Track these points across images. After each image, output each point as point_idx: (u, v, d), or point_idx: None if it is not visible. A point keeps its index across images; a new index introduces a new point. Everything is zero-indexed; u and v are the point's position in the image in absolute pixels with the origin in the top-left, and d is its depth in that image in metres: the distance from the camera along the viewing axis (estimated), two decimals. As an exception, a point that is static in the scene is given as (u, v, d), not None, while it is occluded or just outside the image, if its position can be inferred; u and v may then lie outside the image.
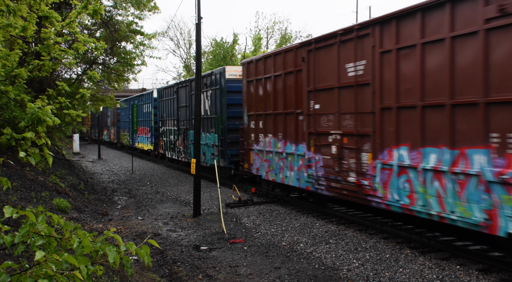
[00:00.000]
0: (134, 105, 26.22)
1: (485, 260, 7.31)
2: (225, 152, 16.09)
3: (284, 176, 12.06)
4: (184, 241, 9.60)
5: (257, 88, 13.46)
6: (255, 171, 13.72)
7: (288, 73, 11.82)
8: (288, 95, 11.82)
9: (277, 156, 12.38)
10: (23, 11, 5.82)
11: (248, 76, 13.98)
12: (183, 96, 20.42)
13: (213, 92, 16.97)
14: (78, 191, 14.53)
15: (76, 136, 36.15)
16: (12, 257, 5.54)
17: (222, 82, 16.25)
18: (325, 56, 10.33)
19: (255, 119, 13.54)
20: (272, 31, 43.96)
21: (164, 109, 23.79)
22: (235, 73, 16.27)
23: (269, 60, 12.84)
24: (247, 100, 14.12)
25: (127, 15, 18.34)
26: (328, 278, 7.24)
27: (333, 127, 10.05)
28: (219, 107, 16.37)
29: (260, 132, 13.31)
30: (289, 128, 11.83)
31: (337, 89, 9.86)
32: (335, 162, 9.94)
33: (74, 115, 6.40)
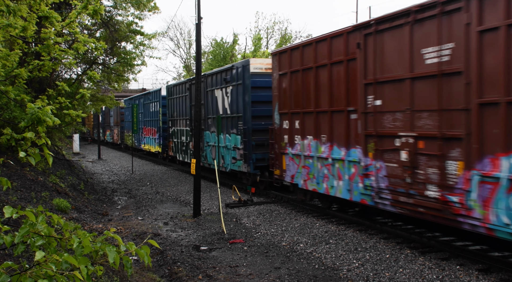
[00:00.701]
0: (134, 105, 26.20)
1: (485, 260, 7.31)
2: (249, 156, 14.23)
3: (329, 186, 10.24)
4: (184, 241, 9.60)
5: (292, 83, 11.61)
6: (289, 178, 11.86)
7: (336, 63, 9.93)
8: (336, 90, 10.00)
9: (319, 161, 10.58)
10: (23, 11, 5.82)
11: (281, 68, 12.11)
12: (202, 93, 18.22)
13: (234, 89, 15.12)
14: (78, 191, 14.53)
15: (76, 136, 36.14)
16: (12, 257, 5.54)
17: (245, 77, 14.42)
18: (391, 40, 8.42)
19: (290, 118, 11.73)
20: (272, 31, 44.01)
21: (174, 108, 21.94)
22: (261, 66, 14.46)
23: (308, 49, 10.95)
24: (278, 96, 12.27)
25: (127, 15, 18.36)
26: (328, 278, 7.24)
27: (402, 129, 8.14)
28: (242, 105, 14.54)
29: (296, 133, 11.48)
30: (336, 129, 10.01)
31: (408, 81, 7.95)
32: (406, 171, 8.03)
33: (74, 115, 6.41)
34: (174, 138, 22.21)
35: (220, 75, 16.22)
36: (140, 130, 29.03)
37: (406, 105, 8.05)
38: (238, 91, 14.83)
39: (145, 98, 28.33)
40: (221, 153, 16.20)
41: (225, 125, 15.85)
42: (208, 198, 14.65)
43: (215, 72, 16.84)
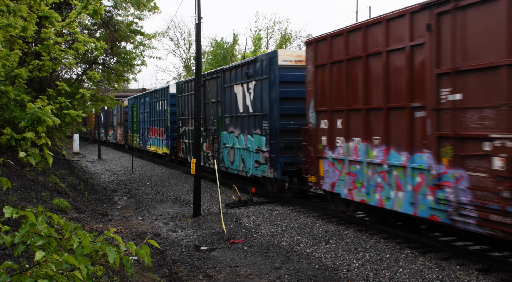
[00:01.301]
0: (134, 105, 26.21)
1: (485, 260, 7.31)
2: (276, 159, 12.62)
3: (383, 197, 8.59)
4: (184, 241, 9.60)
5: (333, 75, 10.02)
6: (328, 186, 10.27)
7: (395, 50, 8.29)
8: (394, 82, 8.37)
9: (370, 168, 8.95)
10: (23, 11, 5.82)
11: (318, 59, 10.51)
12: (212, 89, 17.02)
13: (257, 84, 13.50)
14: (78, 191, 14.54)
15: (76, 136, 36.13)
16: (12, 257, 5.54)
17: (272, 71, 12.75)
18: (478, 18, 6.81)
19: (329, 117, 10.13)
20: (272, 31, 44.00)
21: (185, 107, 20.13)
22: (290, 58, 12.84)
23: (355, 35, 9.32)
24: (315, 92, 10.66)
25: (127, 15, 18.37)
26: (328, 278, 7.24)
27: (494, 129, 6.53)
28: (267, 103, 12.93)
29: (339, 134, 9.87)
30: (395, 130, 8.35)
31: (505, 69, 6.37)
32: (501, 183, 6.44)
33: (74, 115, 6.41)
34: (184, 139, 20.51)
35: (240, 70, 14.58)
36: (145, 130, 27.70)
37: (500, 99, 6.46)
38: (263, 87, 13.20)
39: (151, 96, 26.55)
40: (241, 156, 14.61)
41: (246, 125, 14.21)
42: (208, 198, 14.65)
43: (234, 66, 15.25)
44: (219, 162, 16.09)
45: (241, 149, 14.56)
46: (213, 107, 16.91)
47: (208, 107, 17.46)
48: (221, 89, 16.02)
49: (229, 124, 15.58)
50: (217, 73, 16.56)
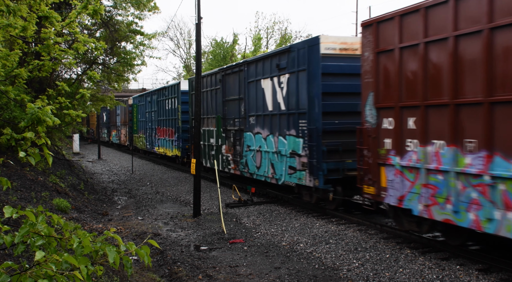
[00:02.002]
0: (134, 106, 26.22)
1: (485, 260, 7.31)
2: (318, 165, 10.66)
3: (482, 218, 6.79)
4: (184, 241, 9.60)
5: (403, 63, 8.20)
6: (393, 200, 8.44)
7: (503, 27, 6.48)
8: (503, 68, 6.53)
9: (461, 179, 7.12)
10: (23, 11, 5.83)
11: (380, 44, 8.71)
12: (233, 85, 15.15)
13: (292, 77, 11.68)
14: (78, 191, 14.54)
15: (76, 136, 36.12)
16: (12, 257, 5.55)
17: (312, 61, 10.87)
18: None
19: (397, 114, 8.28)
20: (272, 31, 44.04)
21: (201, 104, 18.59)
22: (334, 46, 10.82)
23: (438, 11, 7.52)
24: (375, 84, 8.84)
25: (127, 15, 18.39)
26: (328, 278, 7.24)
27: None
28: (305, 99, 11.05)
29: (410, 136, 8.02)
30: (502, 131, 6.56)
31: None
32: None
33: (74, 115, 6.41)
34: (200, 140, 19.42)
35: (269, 61, 12.75)
36: (153, 131, 26.01)
37: None
38: (300, 80, 11.32)
39: (160, 94, 24.55)
40: (270, 160, 12.78)
41: (278, 125, 12.34)
42: (208, 198, 14.65)
43: (261, 58, 13.34)
44: (243, 166, 14.42)
45: (270, 152, 12.71)
46: (234, 105, 15.10)
47: (227, 106, 15.63)
48: (244, 84, 14.21)
49: (254, 125, 13.71)
50: (238, 66, 14.62)
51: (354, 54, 10.80)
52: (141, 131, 29.07)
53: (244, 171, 14.44)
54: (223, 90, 15.79)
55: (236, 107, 14.91)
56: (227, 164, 15.87)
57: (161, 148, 24.45)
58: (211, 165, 17.27)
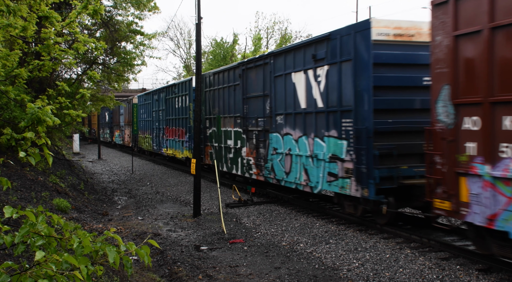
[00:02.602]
0: (134, 105, 26.25)
1: (485, 260, 7.31)
2: (369, 172, 9.02)
3: None
4: (184, 241, 9.60)
5: (495, 48, 6.62)
6: (480, 219, 6.83)
7: None
8: None
9: None
10: (23, 11, 5.83)
11: (460, 25, 7.14)
12: (255, 80, 13.58)
13: (332, 69, 10.05)
14: (78, 191, 14.54)
15: (76, 136, 36.11)
16: (12, 257, 5.55)
17: (360, 49, 9.29)
18: None
19: (486, 112, 6.72)
20: (272, 31, 44.03)
21: (215, 103, 16.73)
22: (387, 31, 9.18)
23: None
24: (452, 74, 7.29)
25: (127, 15, 18.40)
26: (328, 278, 7.25)
27: None
28: (351, 94, 9.47)
29: (507, 140, 6.47)
30: None
31: None
32: None
33: (74, 115, 6.42)
34: (213, 142, 16.98)
35: (302, 52, 11.12)
36: (160, 131, 24.39)
37: None
38: (343, 73, 9.74)
39: (168, 91, 22.93)
40: (303, 165, 11.10)
41: (313, 125, 10.74)
42: (208, 198, 14.65)
43: (291, 48, 11.66)
44: (268, 172, 12.76)
45: (303, 156, 11.06)
46: (257, 103, 13.48)
47: (248, 104, 14.04)
48: (270, 79, 12.62)
49: (282, 124, 12.08)
50: (263, 59, 13.00)
51: (410, 41, 9.34)
52: (147, 131, 27.53)
53: (269, 177, 12.69)
54: (243, 86, 14.21)
55: (260, 105, 13.28)
56: (248, 168, 14.10)
57: (170, 149, 22.75)
58: (228, 169, 15.64)
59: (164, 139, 23.51)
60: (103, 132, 45.20)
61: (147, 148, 27.46)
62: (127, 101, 32.65)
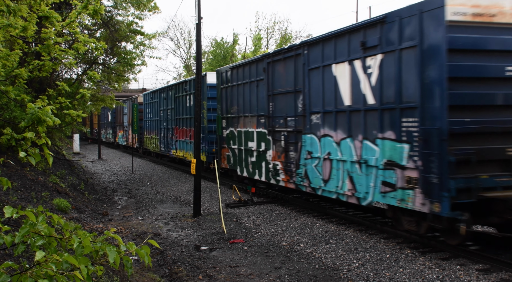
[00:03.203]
0: (134, 105, 26.24)
1: (485, 260, 7.31)
2: (441, 183, 7.37)
3: None
4: (184, 241, 9.60)
5: None
6: None
7: None
8: None
9: None
10: (23, 11, 5.83)
11: None
12: (284, 75, 11.93)
13: (388, 59, 8.39)
14: (78, 191, 14.55)
15: (76, 136, 36.11)
16: (12, 257, 5.55)
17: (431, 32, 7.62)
18: None
19: None
20: (272, 31, 44.02)
21: (233, 101, 15.07)
22: (465, 9, 7.51)
23: None
24: None
25: (127, 15, 18.41)
26: (328, 278, 7.25)
27: None
28: (416, 87, 7.80)
29: None
30: None
31: None
32: None
33: (74, 115, 6.42)
34: (231, 143, 15.26)
35: (346, 40, 9.53)
36: (169, 131, 22.88)
37: None
38: (404, 62, 8.11)
39: (178, 89, 21.35)
40: (348, 172, 9.52)
41: (361, 125, 9.10)
42: (208, 198, 14.65)
43: (332, 36, 9.94)
44: (300, 179, 11.19)
45: (347, 161, 9.48)
46: (286, 100, 11.85)
47: (275, 101, 12.40)
48: (303, 73, 10.99)
49: (319, 124, 10.47)
50: (294, 50, 11.31)
51: (491, 22, 7.66)
52: (153, 132, 26.02)
53: (302, 184, 11.12)
54: (268, 81, 12.59)
55: (290, 102, 11.62)
56: (274, 174, 12.48)
57: (180, 151, 21.04)
58: (250, 174, 14.01)
59: (173, 141, 21.99)
60: (105, 132, 44.09)
61: (154, 149, 25.93)
62: (131, 100, 31.47)
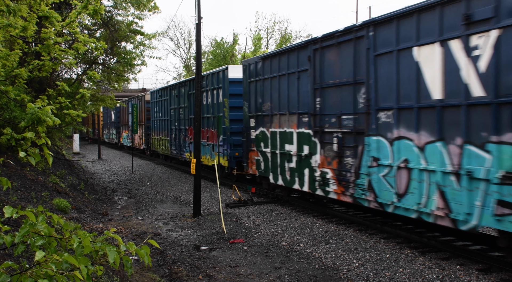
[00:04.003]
0: (134, 106, 26.24)
1: (485, 260, 7.31)
2: None
3: None
4: (184, 241, 9.60)
5: None
6: None
7: None
8: None
9: None
10: (23, 11, 5.83)
11: None
12: (341, 63, 9.86)
13: (509, 35, 6.47)
14: (78, 191, 14.54)
15: (76, 136, 36.09)
16: (12, 257, 5.55)
17: None
18: None
19: None
20: (272, 31, 44.03)
21: (267, 96, 12.96)
22: None
23: None
24: None
25: (127, 15, 18.41)
26: (328, 278, 7.25)
27: None
28: None
29: None
30: None
31: None
32: None
33: (74, 115, 6.41)
34: (262, 146, 13.23)
35: (437, 14, 7.51)
36: (182, 132, 20.87)
37: None
38: None
39: (193, 85, 18.77)
40: (437, 186, 7.52)
41: (461, 125, 7.14)
42: (208, 198, 14.65)
43: (413, 10, 7.94)
44: (362, 191, 9.15)
45: (437, 172, 7.51)
46: (340, 94, 9.86)
47: (323, 95, 10.39)
48: (366, 60, 9.01)
49: (391, 124, 8.54)
50: (354, 32, 9.39)
51: None
52: (163, 132, 24.02)
53: (363, 198, 9.14)
54: (314, 72, 10.58)
55: (346, 97, 9.63)
56: (323, 183, 10.40)
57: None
58: (287, 182, 11.98)
59: (187, 142, 19.90)
60: (108, 132, 42.55)
61: (163, 152, 23.91)
62: (137, 99, 30.12)
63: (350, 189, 9.56)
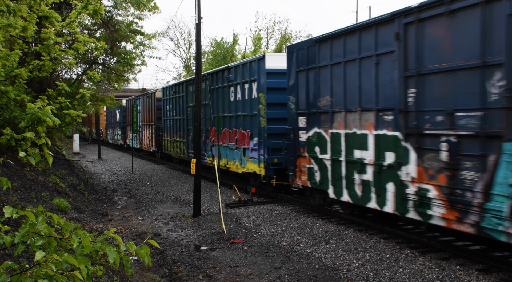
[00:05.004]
0: (134, 105, 26.24)
1: (485, 260, 7.31)
2: None
3: None
4: (184, 241, 9.60)
5: None
6: None
7: None
8: None
9: None
10: (23, 11, 5.83)
11: None
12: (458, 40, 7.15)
13: None
14: (78, 191, 14.54)
15: (76, 136, 36.09)
16: (12, 257, 5.54)
17: None
18: None
19: None
20: (272, 31, 44.01)
21: (325, 88, 10.45)
22: None
23: None
24: None
25: (127, 15, 18.41)
26: (328, 278, 7.24)
27: None
28: None
29: None
30: None
31: None
32: None
33: (74, 115, 6.42)
34: (318, 151, 10.78)
35: None
36: (202, 133, 17.94)
37: None
38: None
39: (216, 78, 16.87)
40: None
41: None
42: (208, 198, 14.65)
43: None
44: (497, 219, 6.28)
45: None
46: (454, 82, 7.24)
47: (422, 85, 7.84)
48: (507, 32, 6.39)
49: None
50: None
51: None
52: (177, 133, 21.52)
53: (499, 230, 6.49)
54: (406, 55, 8.10)
55: (465, 86, 7.06)
56: (421, 204, 7.86)
57: (224, 159, 16.28)
58: (356, 200, 9.53)
59: (208, 145, 17.66)
60: (112, 133, 39.68)
61: (178, 155, 21.42)
62: (146, 96, 27.27)
63: (472, 215, 6.88)
